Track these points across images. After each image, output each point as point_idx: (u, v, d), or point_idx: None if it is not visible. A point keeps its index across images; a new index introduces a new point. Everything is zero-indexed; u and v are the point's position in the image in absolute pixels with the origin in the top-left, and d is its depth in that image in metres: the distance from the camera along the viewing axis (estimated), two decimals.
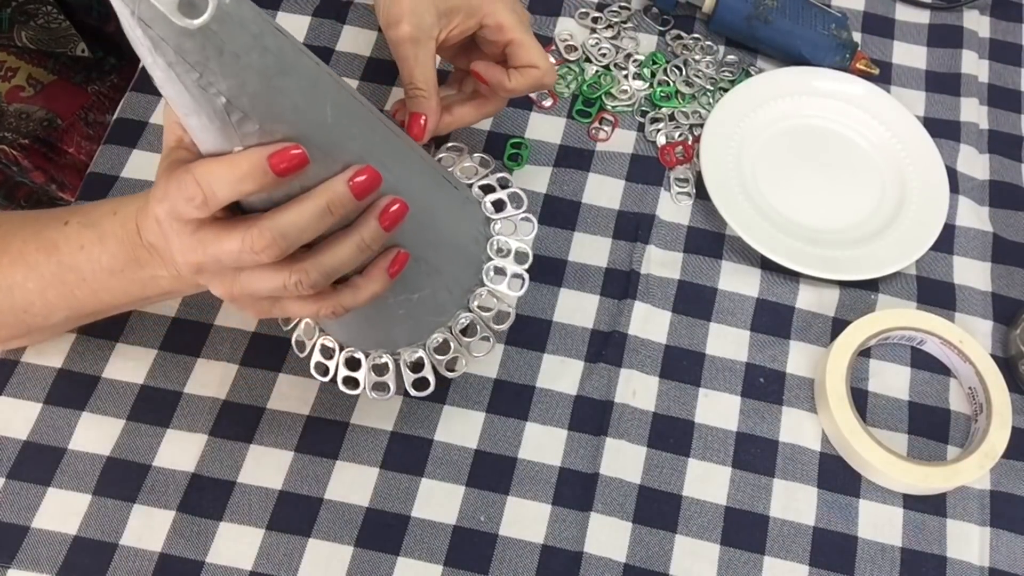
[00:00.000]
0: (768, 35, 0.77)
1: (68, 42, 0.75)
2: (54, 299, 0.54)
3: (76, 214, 0.53)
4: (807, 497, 0.61)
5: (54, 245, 0.52)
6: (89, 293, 0.53)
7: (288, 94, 0.41)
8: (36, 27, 0.72)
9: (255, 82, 0.39)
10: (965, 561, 0.60)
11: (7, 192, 0.77)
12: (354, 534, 0.59)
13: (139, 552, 0.58)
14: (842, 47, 0.76)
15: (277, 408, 0.63)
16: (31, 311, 0.55)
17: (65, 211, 0.55)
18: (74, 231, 0.52)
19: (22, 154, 0.77)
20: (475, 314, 0.57)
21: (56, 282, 0.53)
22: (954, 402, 0.65)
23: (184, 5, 0.36)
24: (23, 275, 0.53)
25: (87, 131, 0.81)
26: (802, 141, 0.75)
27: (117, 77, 0.83)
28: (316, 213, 0.43)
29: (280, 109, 0.41)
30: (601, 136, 0.75)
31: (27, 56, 0.75)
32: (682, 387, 0.65)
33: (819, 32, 0.76)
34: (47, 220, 0.54)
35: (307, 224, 0.43)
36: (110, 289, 0.53)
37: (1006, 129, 0.77)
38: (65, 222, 0.53)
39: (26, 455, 0.60)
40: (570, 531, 0.59)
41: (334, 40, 0.79)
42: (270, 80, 0.40)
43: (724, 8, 0.77)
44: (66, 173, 0.80)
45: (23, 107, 0.75)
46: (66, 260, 0.52)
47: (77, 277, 0.52)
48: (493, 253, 0.58)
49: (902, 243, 0.69)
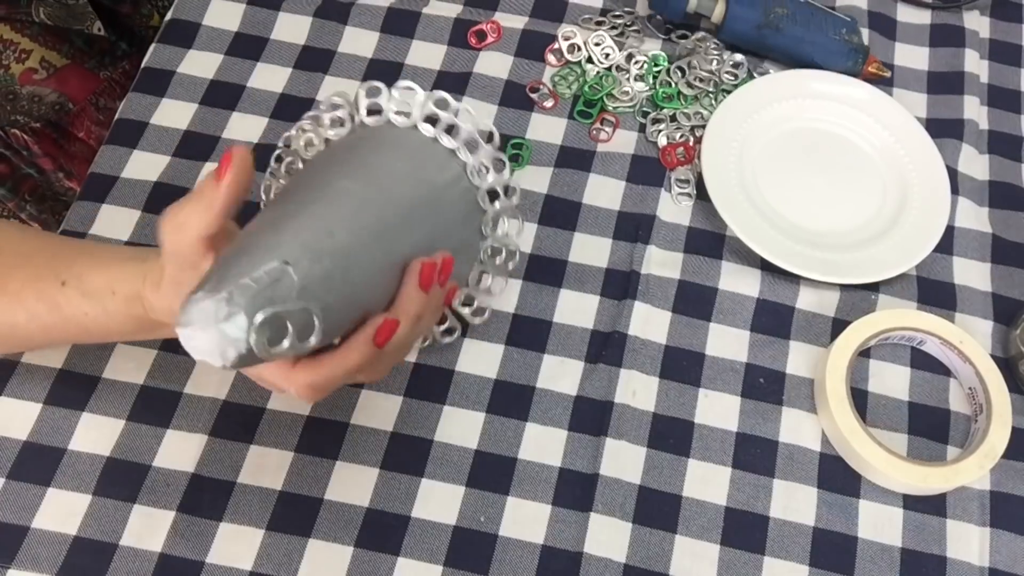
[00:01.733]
0: (780, 43, 0.76)
1: (85, 19, 0.74)
2: (58, 339, 0.55)
3: (71, 275, 0.50)
4: (807, 497, 0.61)
5: (55, 303, 0.50)
6: (96, 339, 0.55)
7: (356, 272, 0.44)
8: (54, 3, 0.72)
9: (340, 301, 0.43)
10: (965, 561, 0.60)
11: (13, 185, 0.78)
12: (354, 534, 0.59)
13: (139, 552, 0.58)
14: (854, 52, 0.76)
15: (277, 408, 0.63)
16: (32, 344, 0.56)
17: (54, 260, 0.52)
18: (74, 298, 0.50)
19: (33, 139, 0.77)
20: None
21: (59, 331, 0.52)
22: (954, 402, 0.65)
23: (271, 332, 0.39)
24: (24, 319, 0.51)
25: (98, 116, 0.81)
26: (804, 144, 0.75)
27: (129, 64, 0.83)
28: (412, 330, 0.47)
29: (355, 293, 0.44)
30: (602, 137, 0.75)
31: (41, 38, 0.75)
32: (682, 387, 0.65)
33: (830, 38, 0.76)
34: (40, 269, 0.51)
35: (411, 340, 0.48)
36: (120, 339, 0.55)
37: (1006, 129, 0.77)
38: (62, 282, 0.50)
39: (26, 455, 0.60)
40: (570, 531, 0.59)
41: (335, 41, 0.79)
42: (348, 284, 0.43)
43: (733, 18, 0.76)
44: (74, 161, 0.80)
45: (36, 89, 0.76)
46: (70, 319, 0.51)
47: (82, 331, 0.52)
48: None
49: (903, 247, 0.69)
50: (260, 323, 0.38)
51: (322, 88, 0.76)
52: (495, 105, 0.76)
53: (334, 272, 0.42)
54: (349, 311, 0.44)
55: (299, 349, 0.40)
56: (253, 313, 0.38)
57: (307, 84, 0.76)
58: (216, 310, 0.38)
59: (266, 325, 0.39)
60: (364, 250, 0.45)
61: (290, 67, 0.77)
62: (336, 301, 0.42)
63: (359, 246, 0.45)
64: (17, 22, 0.73)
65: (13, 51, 0.74)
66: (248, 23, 0.79)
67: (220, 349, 0.39)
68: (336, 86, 0.76)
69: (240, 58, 0.77)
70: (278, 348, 0.39)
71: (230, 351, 0.39)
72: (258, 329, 0.38)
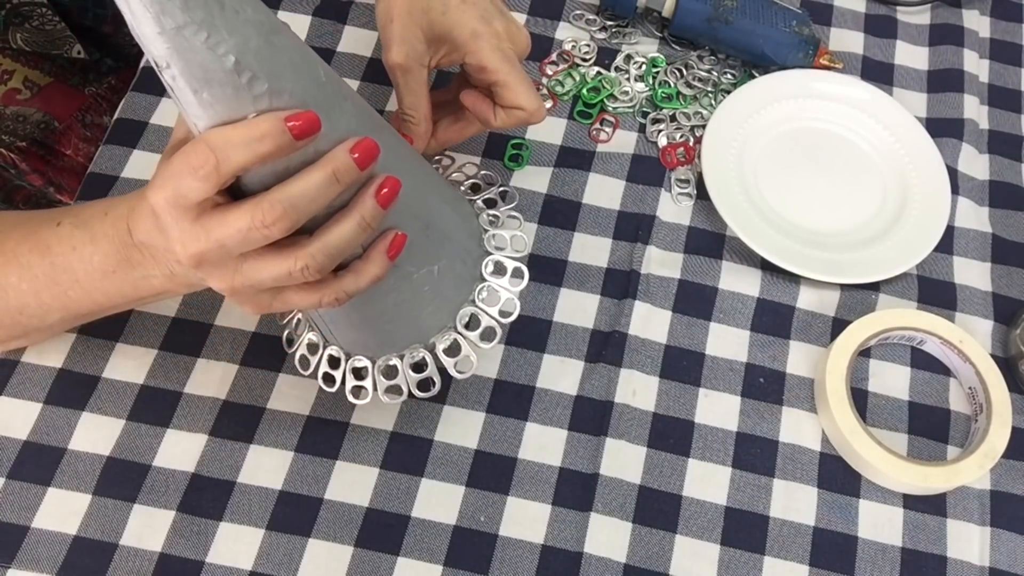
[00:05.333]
0: (730, 36, 0.76)
1: (63, 44, 0.75)
2: (48, 300, 0.54)
3: (69, 215, 0.53)
4: (807, 497, 0.61)
5: (47, 246, 0.52)
6: (83, 294, 0.53)
7: (286, 51, 0.42)
8: (31, 29, 0.72)
9: (256, 38, 0.40)
10: (965, 561, 0.60)
11: (6, 195, 0.77)
12: (354, 534, 0.59)
13: (139, 552, 0.58)
14: (804, 43, 0.76)
15: (277, 408, 0.63)
16: (26, 312, 0.55)
17: (59, 212, 0.55)
18: (66, 232, 0.52)
19: (19, 157, 0.77)
20: (479, 308, 0.56)
21: (50, 283, 0.53)
22: (954, 402, 0.65)
23: None
24: (17, 276, 0.53)
25: (84, 133, 0.81)
26: (804, 144, 0.75)
27: (115, 79, 0.83)
28: (323, 182, 0.43)
29: (281, 67, 0.41)
30: (602, 137, 0.75)
31: (23, 59, 0.75)
32: (682, 387, 0.65)
33: (780, 30, 0.75)
34: (41, 220, 0.54)
35: (316, 193, 0.43)
36: (103, 290, 0.53)
37: (1006, 129, 0.77)
38: (58, 223, 0.53)
39: (26, 455, 0.60)
40: (570, 531, 0.59)
41: (335, 40, 0.79)
42: (268, 36, 0.41)
43: (684, 12, 0.75)
44: (64, 176, 0.80)
45: (20, 110, 0.75)
46: (59, 261, 0.52)
47: (70, 278, 0.52)
48: (491, 247, 0.58)
49: (903, 247, 0.69)
50: None
51: None
52: None
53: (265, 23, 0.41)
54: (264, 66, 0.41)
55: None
56: None
57: None
58: None
59: None
60: (310, 66, 0.43)
61: None
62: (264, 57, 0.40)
63: (307, 60, 0.43)
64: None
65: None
66: None
67: None
68: None
69: None
70: None
71: None
72: None
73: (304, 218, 0.43)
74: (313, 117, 0.42)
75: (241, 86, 0.40)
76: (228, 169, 0.41)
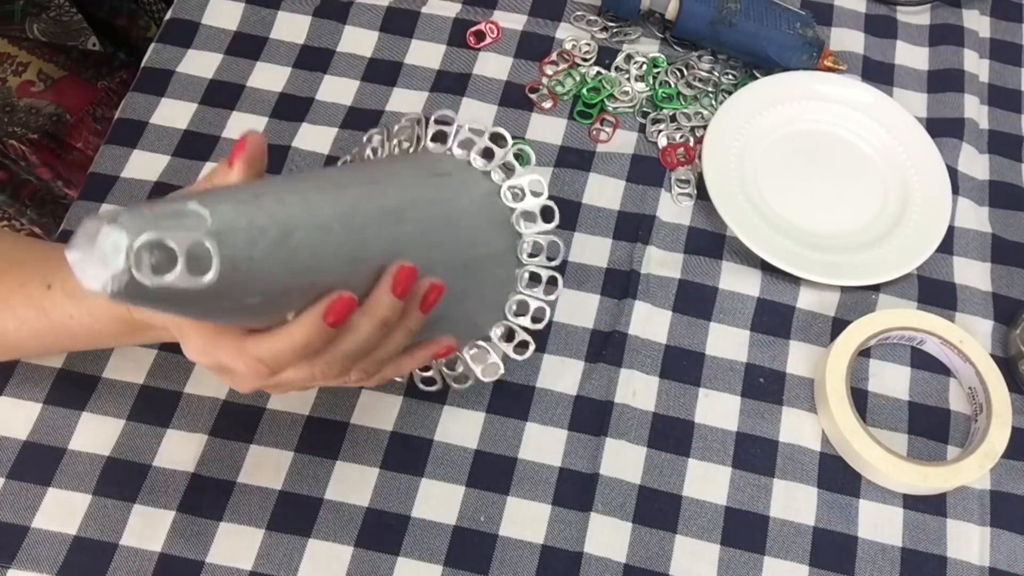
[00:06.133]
0: (733, 38, 0.76)
1: (79, 35, 0.75)
2: (50, 345, 0.55)
3: (57, 278, 0.51)
4: (807, 497, 0.61)
5: (42, 308, 0.51)
6: (85, 344, 0.54)
7: (304, 245, 0.41)
8: (48, 20, 0.72)
9: (276, 265, 0.39)
10: (965, 561, 0.60)
11: (12, 190, 0.78)
12: (354, 534, 0.59)
13: (139, 552, 0.58)
14: (808, 45, 0.76)
15: (277, 408, 0.63)
16: (24, 350, 0.55)
17: (43, 266, 0.52)
18: (59, 300, 0.50)
19: (30, 149, 0.77)
20: (511, 322, 0.59)
21: (49, 336, 0.52)
22: (954, 402, 0.65)
23: (159, 259, 0.36)
24: (14, 326, 0.52)
25: (95, 127, 0.81)
26: (805, 145, 0.75)
27: (127, 73, 0.83)
28: (375, 332, 0.44)
29: (300, 265, 0.41)
30: (602, 137, 0.75)
31: (38, 51, 0.75)
32: (682, 387, 0.65)
33: (784, 32, 0.75)
34: (29, 272, 0.52)
35: (368, 344, 0.44)
36: (107, 343, 0.54)
37: (1006, 129, 0.77)
38: (48, 285, 0.50)
39: (26, 455, 0.60)
40: (570, 531, 0.59)
41: (335, 40, 0.79)
42: (286, 248, 0.40)
43: (687, 14, 0.75)
44: (72, 170, 0.80)
45: (33, 102, 0.76)
46: (56, 323, 0.51)
47: (70, 336, 0.52)
48: (524, 256, 0.59)
49: (903, 249, 0.69)
50: (143, 244, 0.35)
51: (321, 88, 0.76)
52: (494, 105, 0.76)
53: (270, 231, 0.39)
54: (291, 279, 0.41)
55: (192, 285, 0.36)
56: (137, 234, 0.35)
57: (306, 83, 0.76)
58: (99, 229, 0.35)
59: (152, 250, 0.35)
60: (324, 230, 0.42)
61: (289, 66, 0.77)
62: (266, 258, 0.39)
63: (318, 222, 0.42)
64: (13, 36, 0.73)
65: (10, 64, 0.74)
66: (247, 22, 0.79)
67: (102, 272, 0.35)
68: (336, 86, 0.76)
69: (239, 57, 0.77)
70: (165, 276, 0.36)
71: (111, 272, 0.35)
72: (139, 251, 0.35)
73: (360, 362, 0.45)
74: (348, 301, 0.42)
75: (271, 312, 0.42)
76: (281, 370, 0.43)
